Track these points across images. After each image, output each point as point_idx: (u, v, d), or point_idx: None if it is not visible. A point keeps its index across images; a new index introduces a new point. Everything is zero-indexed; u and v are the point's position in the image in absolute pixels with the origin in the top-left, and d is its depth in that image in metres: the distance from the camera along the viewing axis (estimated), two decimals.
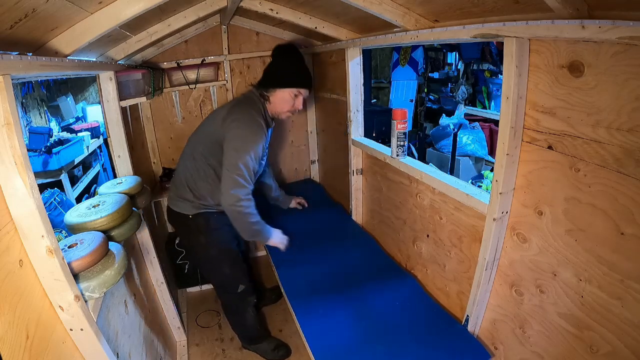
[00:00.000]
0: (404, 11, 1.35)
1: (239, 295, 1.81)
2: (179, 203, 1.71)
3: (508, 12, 1.02)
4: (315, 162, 2.94)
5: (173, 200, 1.74)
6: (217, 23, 2.39)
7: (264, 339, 1.99)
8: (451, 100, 5.09)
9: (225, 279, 1.79)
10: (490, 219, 1.18)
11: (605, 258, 0.89)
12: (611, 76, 0.82)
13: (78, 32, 1.07)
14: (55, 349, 0.81)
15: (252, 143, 1.54)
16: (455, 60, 5.54)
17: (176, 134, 2.59)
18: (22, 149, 0.77)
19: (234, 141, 1.54)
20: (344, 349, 1.33)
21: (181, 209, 1.70)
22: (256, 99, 1.66)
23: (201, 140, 1.67)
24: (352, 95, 2.06)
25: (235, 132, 1.54)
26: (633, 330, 0.85)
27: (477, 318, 1.33)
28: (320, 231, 2.14)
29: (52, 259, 0.81)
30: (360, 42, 1.85)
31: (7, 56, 0.75)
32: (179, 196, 1.71)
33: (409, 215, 1.74)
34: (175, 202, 1.73)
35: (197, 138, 1.70)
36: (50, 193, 2.57)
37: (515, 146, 1.08)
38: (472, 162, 3.84)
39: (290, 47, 1.69)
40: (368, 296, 1.59)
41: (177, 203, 1.71)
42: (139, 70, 1.87)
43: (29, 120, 3.40)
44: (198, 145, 1.67)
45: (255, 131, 1.56)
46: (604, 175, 0.87)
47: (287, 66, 1.64)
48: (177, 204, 1.71)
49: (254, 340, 1.98)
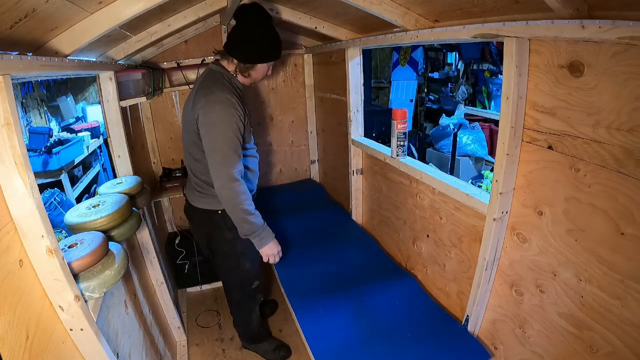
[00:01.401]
0: (404, 11, 1.35)
1: (252, 291, 1.79)
2: (204, 199, 1.63)
3: (508, 12, 1.02)
4: (315, 162, 2.94)
5: (197, 198, 1.65)
6: (217, 23, 2.39)
7: (265, 339, 1.99)
8: (451, 100, 5.09)
9: (245, 275, 1.75)
10: (490, 219, 1.18)
11: (605, 258, 0.89)
12: (611, 76, 0.82)
13: (78, 32, 1.07)
14: (55, 349, 0.81)
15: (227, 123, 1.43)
16: (455, 60, 5.53)
17: (176, 134, 2.59)
18: (22, 149, 0.77)
19: (208, 127, 1.43)
20: (344, 348, 1.33)
21: (208, 205, 1.62)
22: (218, 75, 1.52)
23: (187, 133, 1.57)
24: (352, 95, 2.07)
25: (206, 119, 1.43)
26: (633, 330, 0.85)
27: (477, 318, 1.33)
28: (320, 231, 2.14)
29: (52, 259, 0.81)
30: (360, 42, 1.85)
31: (7, 56, 0.75)
32: (201, 192, 1.63)
33: (409, 215, 1.74)
34: (199, 199, 1.64)
35: (184, 132, 1.61)
36: (50, 193, 2.57)
37: (515, 146, 1.08)
38: (472, 162, 3.83)
39: (261, 10, 1.48)
40: (368, 296, 1.59)
41: (202, 199, 1.63)
42: (139, 70, 1.87)
43: (29, 120, 3.40)
44: (186, 139, 1.59)
45: (226, 111, 1.43)
46: (604, 175, 0.87)
47: (266, 38, 1.49)
48: (203, 201, 1.63)
49: (255, 340, 1.97)
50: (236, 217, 1.52)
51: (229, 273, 1.80)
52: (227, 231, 1.63)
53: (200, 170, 1.58)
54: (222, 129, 1.42)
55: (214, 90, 1.45)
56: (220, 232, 1.65)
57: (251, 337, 1.97)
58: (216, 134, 1.42)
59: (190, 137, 1.53)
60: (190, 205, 1.69)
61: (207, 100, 1.43)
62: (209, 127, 1.43)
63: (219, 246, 1.71)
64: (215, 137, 1.42)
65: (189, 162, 1.64)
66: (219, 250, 1.73)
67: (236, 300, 1.88)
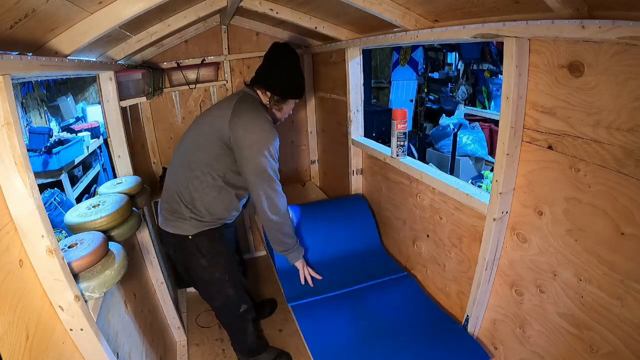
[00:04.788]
0: (404, 11, 1.35)
1: (240, 315, 1.73)
2: (174, 223, 1.54)
3: (508, 12, 1.02)
4: (315, 162, 2.94)
5: (166, 221, 1.57)
6: (217, 23, 2.39)
7: (263, 350, 1.92)
8: (451, 100, 5.09)
9: (228, 301, 1.69)
10: (490, 219, 1.18)
11: (605, 258, 0.89)
12: (611, 76, 0.82)
13: (78, 32, 1.07)
14: (55, 349, 0.81)
15: (272, 142, 1.47)
16: (455, 60, 5.53)
17: (176, 134, 2.58)
18: (22, 149, 0.77)
19: (254, 148, 1.43)
20: (344, 349, 1.33)
21: (177, 230, 1.54)
22: (257, 101, 1.56)
23: (199, 147, 1.52)
24: (352, 95, 2.06)
25: (252, 137, 1.43)
26: (633, 330, 0.85)
27: (477, 318, 1.33)
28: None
29: (52, 259, 0.81)
30: (360, 42, 1.85)
31: (7, 56, 0.75)
32: (172, 214, 1.55)
33: (409, 215, 1.74)
34: (169, 222, 1.56)
35: (191, 145, 1.55)
36: (50, 193, 2.57)
37: (515, 146, 1.08)
38: (472, 162, 3.84)
39: (292, 50, 1.60)
40: (368, 296, 1.59)
41: (172, 223, 1.55)
42: (139, 70, 1.87)
43: (29, 120, 3.40)
44: (194, 153, 1.52)
45: (271, 129, 1.48)
46: (604, 175, 0.87)
47: (298, 76, 1.59)
48: (172, 225, 1.55)
49: (254, 352, 1.90)
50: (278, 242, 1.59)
51: (212, 300, 1.74)
52: (202, 257, 1.56)
53: (196, 187, 1.51)
54: (271, 153, 1.46)
55: (259, 115, 1.48)
56: (196, 260, 1.57)
57: (249, 351, 1.89)
58: (264, 157, 1.44)
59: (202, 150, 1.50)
60: (160, 228, 1.62)
61: (253, 122, 1.45)
62: (255, 148, 1.43)
63: (196, 274, 1.64)
64: (264, 159, 1.44)
65: (180, 178, 1.54)
66: (198, 278, 1.66)
67: (227, 323, 1.82)
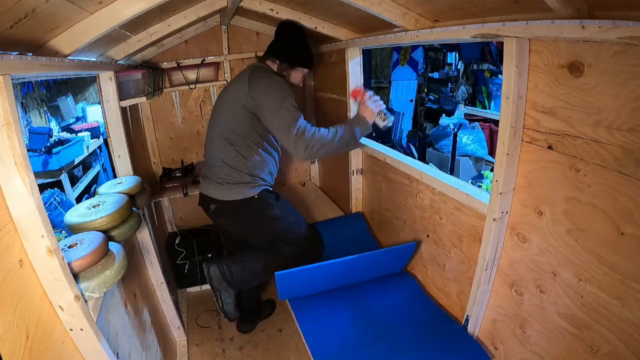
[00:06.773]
0: (404, 11, 1.35)
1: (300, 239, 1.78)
2: (236, 190, 1.64)
3: (508, 12, 1.02)
4: (315, 162, 2.94)
5: (227, 191, 1.65)
6: (217, 23, 2.39)
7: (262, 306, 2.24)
8: (451, 100, 5.08)
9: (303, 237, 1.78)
10: (490, 219, 1.18)
11: (605, 258, 0.89)
12: (611, 76, 0.82)
13: (78, 32, 1.07)
14: (55, 349, 0.81)
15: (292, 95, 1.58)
16: (455, 60, 5.53)
17: (176, 134, 2.59)
18: (22, 149, 0.77)
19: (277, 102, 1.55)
20: (344, 349, 1.33)
21: (243, 195, 1.64)
22: (268, 69, 1.70)
23: (230, 123, 1.64)
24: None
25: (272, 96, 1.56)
26: (633, 330, 0.85)
27: (477, 318, 1.33)
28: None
29: (52, 259, 0.81)
30: (360, 42, 1.85)
31: (7, 56, 0.75)
32: (232, 183, 1.64)
33: (409, 215, 1.74)
34: (230, 191, 1.64)
35: (222, 118, 1.67)
36: (50, 193, 2.58)
37: (515, 146, 1.08)
38: (472, 162, 3.84)
39: (300, 26, 1.79)
40: (368, 296, 1.59)
41: (234, 190, 1.64)
42: (139, 70, 1.87)
43: (29, 120, 3.40)
44: (228, 125, 1.64)
45: (285, 85, 1.61)
46: (604, 175, 0.87)
47: (306, 47, 1.74)
48: (235, 191, 1.64)
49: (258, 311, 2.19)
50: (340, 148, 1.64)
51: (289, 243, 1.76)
52: (272, 208, 1.69)
53: (234, 157, 1.63)
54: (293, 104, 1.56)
55: (273, 78, 1.63)
56: (268, 213, 1.69)
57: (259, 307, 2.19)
58: (287, 110, 1.54)
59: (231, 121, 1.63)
60: (221, 201, 1.68)
61: (270, 84, 1.59)
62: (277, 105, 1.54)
63: (270, 227, 1.73)
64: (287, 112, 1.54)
65: (220, 152, 1.66)
66: (272, 231, 1.74)
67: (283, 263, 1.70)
